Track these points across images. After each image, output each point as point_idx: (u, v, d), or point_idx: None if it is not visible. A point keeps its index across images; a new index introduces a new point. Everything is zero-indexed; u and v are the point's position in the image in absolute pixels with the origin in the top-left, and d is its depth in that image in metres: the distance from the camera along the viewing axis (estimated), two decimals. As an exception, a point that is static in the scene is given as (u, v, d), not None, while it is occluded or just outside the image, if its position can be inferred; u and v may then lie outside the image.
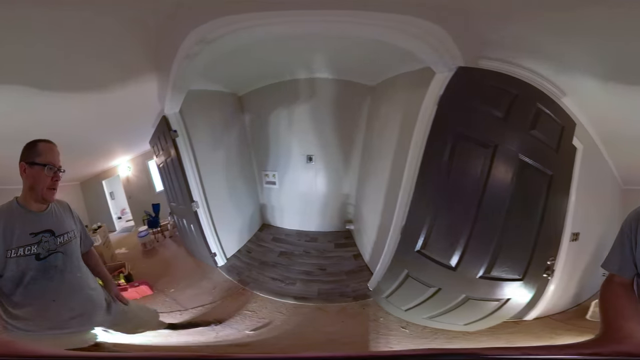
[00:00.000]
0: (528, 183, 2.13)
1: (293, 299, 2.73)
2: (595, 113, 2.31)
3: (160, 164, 3.19)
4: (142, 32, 2.24)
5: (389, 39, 2.19)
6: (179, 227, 3.33)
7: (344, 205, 3.36)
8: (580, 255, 2.52)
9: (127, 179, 3.38)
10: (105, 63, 2.37)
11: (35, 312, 1.86)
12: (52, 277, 1.85)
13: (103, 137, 2.92)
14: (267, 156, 3.41)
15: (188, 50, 2.30)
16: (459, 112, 2.14)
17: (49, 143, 1.88)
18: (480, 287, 2.25)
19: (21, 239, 1.78)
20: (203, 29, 2.20)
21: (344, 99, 3.05)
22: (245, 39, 2.29)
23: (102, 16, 2.03)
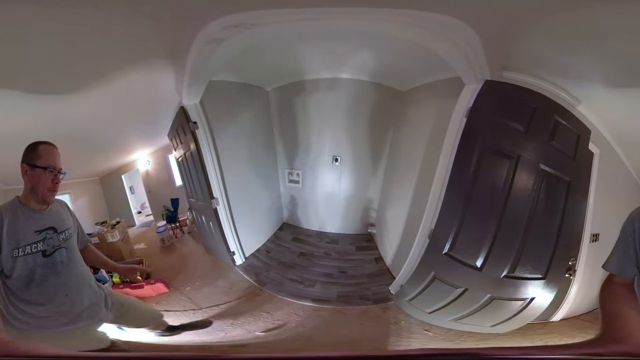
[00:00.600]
0: (547, 189, 2.24)
1: (311, 301, 2.66)
2: (609, 118, 2.37)
3: (179, 158, 3.13)
4: (155, 21, 2.15)
5: (426, 42, 2.18)
6: (198, 223, 3.26)
7: (367, 208, 3.29)
8: (601, 256, 2.34)
9: (147, 173, 3.33)
10: (117, 54, 2.31)
11: (52, 309, 1.89)
12: (59, 272, 1.89)
13: (120, 131, 2.87)
14: (292, 154, 3.34)
15: (211, 36, 2.21)
16: (486, 125, 2.23)
17: (49, 145, 1.90)
18: (505, 287, 2.29)
19: (26, 237, 1.81)
20: (225, 20, 2.11)
21: (374, 102, 3.00)
22: (270, 34, 2.22)
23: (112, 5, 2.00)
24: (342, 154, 3.18)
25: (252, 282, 2.90)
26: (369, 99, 3.00)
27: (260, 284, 2.87)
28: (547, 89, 2.25)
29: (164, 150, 3.24)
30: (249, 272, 3.00)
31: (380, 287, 2.77)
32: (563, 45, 2.03)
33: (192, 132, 2.79)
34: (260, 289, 2.83)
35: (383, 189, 3.18)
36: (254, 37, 2.28)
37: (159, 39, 2.30)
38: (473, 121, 2.25)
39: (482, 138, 2.23)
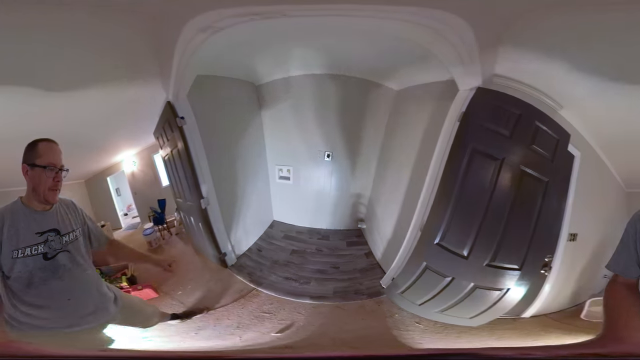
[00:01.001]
0: (527, 188, 2.46)
1: (310, 299, 2.69)
2: (590, 122, 2.54)
3: (165, 157, 3.00)
4: (138, 15, 2.08)
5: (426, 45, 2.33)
6: (186, 224, 3.16)
7: (357, 204, 3.33)
8: (578, 255, 2.68)
9: (133, 174, 3.19)
10: (99, 50, 2.21)
11: (52, 311, 1.86)
12: (62, 276, 1.84)
13: (104, 131, 2.73)
14: (282, 150, 3.31)
15: (200, 28, 2.17)
16: (476, 129, 2.45)
17: (49, 142, 1.85)
18: (487, 276, 2.49)
19: (27, 238, 1.77)
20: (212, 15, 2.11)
21: (367, 99, 3.03)
22: (262, 28, 2.21)
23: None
24: (334, 150, 3.19)
25: (247, 283, 2.85)
26: (362, 95, 3.02)
27: (255, 284, 2.85)
28: (531, 94, 2.43)
29: (149, 150, 3.09)
30: (242, 273, 2.97)
31: (372, 282, 2.86)
32: (548, 52, 2.16)
33: (180, 128, 2.67)
34: (256, 289, 2.80)
35: (374, 185, 3.23)
36: (245, 32, 2.25)
37: (144, 33, 2.21)
38: (465, 125, 2.47)
39: (473, 141, 2.45)
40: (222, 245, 2.99)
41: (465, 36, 2.19)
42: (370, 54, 2.75)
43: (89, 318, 1.95)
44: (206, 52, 2.33)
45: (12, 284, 1.79)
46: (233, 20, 2.18)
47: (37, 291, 1.80)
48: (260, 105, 3.23)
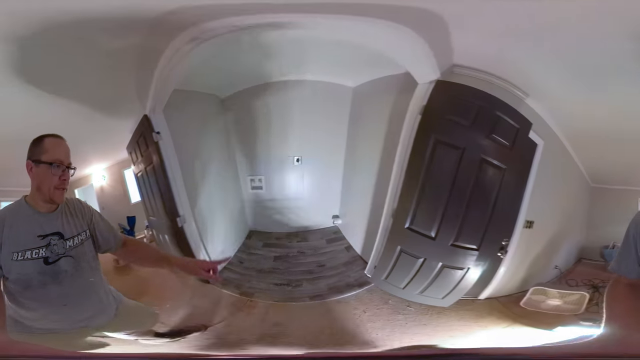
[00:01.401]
0: (486, 175, 2.67)
1: (308, 299, 2.74)
2: (557, 112, 2.65)
3: (138, 173, 2.80)
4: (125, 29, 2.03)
5: (377, 46, 2.51)
6: (160, 242, 2.93)
7: (331, 202, 3.39)
8: (533, 243, 2.87)
9: (102, 189, 2.91)
10: (76, 60, 2.13)
11: (46, 315, 1.81)
12: (61, 281, 1.78)
13: (75, 143, 2.31)
14: (252, 160, 3.25)
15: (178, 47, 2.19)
16: (438, 121, 2.62)
17: (57, 138, 1.77)
18: (452, 255, 2.72)
19: (28, 241, 1.70)
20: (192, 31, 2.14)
21: (327, 100, 3.12)
22: (231, 41, 2.29)
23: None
24: (303, 153, 3.25)
25: (238, 297, 2.77)
26: (321, 96, 3.11)
27: (247, 295, 2.78)
28: (496, 83, 2.57)
29: (119, 166, 2.86)
30: (228, 287, 2.85)
31: (357, 273, 2.99)
32: (508, 41, 2.25)
33: (155, 144, 2.55)
34: (251, 300, 2.74)
35: (344, 182, 3.33)
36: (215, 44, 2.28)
37: (126, 46, 2.15)
38: (426, 118, 2.63)
39: (434, 132, 2.64)
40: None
41: (418, 42, 2.34)
42: (326, 56, 2.87)
43: (82, 323, 1.89)
44: (186, 65, 2.31)
45: (10, 285, 1.73)
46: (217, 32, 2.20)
47: (34, 294, 1.74)
48: (226, 118, 3.15)
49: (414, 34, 2.30)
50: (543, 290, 2.71)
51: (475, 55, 2.45)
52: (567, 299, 2.66)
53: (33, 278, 1.71)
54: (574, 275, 2.92)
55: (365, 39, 2.40)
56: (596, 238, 2.95)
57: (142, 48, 2.20)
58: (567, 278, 2.92)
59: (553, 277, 2.92)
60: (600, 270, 2.90)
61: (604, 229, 2.94)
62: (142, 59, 2.29)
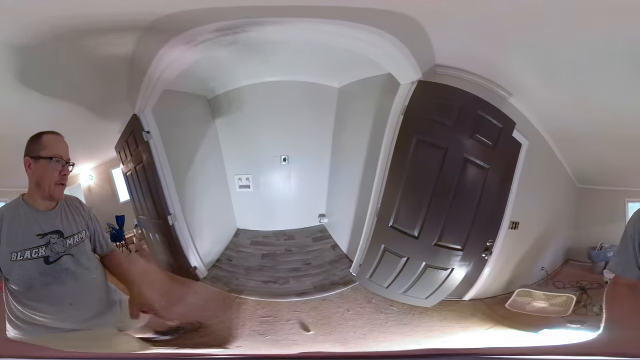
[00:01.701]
0: (469, 175, 2.64)
1: (295, 296, 2.77)
2: (541, 111, 2.62)
3: (127, 172, 2.86)
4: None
5: (358, 50, 2.50)
6: (150, 241, 3.00)
7: (317, 201, 3.43)
8: (518, 244, 2.84)
9: (89, 189, 2.93)
10: (65, 60, 2.17)
11: (52, 315, 1.77)
12: (64, 281, 1.75)
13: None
14: (240, 160, 3.31)
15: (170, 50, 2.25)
16: (420, 121, 2.61)
17: (55, 134, 1.76)
18: (435, 255, 2.70)
19: (27, 240, 1.66)
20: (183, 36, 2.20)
21: (312, 100, 3.17)
22: (219, 44, 2.33)
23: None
24: (290, 153, 3.29)
25: (227, 293, 2.81)
26: (307, 97, 3.16)
27: (236, 292, 2.82)
28: (479, 82, 2.55)
29: (107, 165, 2.90)
30: (217, 283, 2.92)
31: (343, 271, 3.02)
32: (490, 41, 2.23)
33: (145, 143, 2.60)
34: (239, 297, 2.78)
35: (330, 181, 3.37)
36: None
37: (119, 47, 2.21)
38: (409, 118, 2.61)
39: (417, 133, 2.62)
40: (192, 259, 2.92)
41: (397, 44, 2.36)
42: (311, 58, 2.90)
43: (90, 322, 1.87)
44: (177, 67, 2.37)
45: (12, 286, 1.70)
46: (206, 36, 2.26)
47: (37, 295, 1.72)
48: (214, 118, 3.21)
49: (391, 37, 2.32)
50: (528, 292, 2.68)
51: (456, 55, 2.44)
52: (553, 301, 2.63)
53: (34, 279, 1.69)
54: (561, 277, 2.90)
55: (346, 42, 2.41)
56: (583, 239, 2.91)
57: (134, 50, 2.25)
58: (553, 280, 2.90)
59: (539, 279, 2.89)
60: (587, 271, 2.88)
61: (590, 230, 2.91)
62: (134, 60, 2.34)
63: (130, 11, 1.96)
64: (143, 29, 2.10)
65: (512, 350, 1.76)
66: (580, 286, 2.75)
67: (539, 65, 2.33)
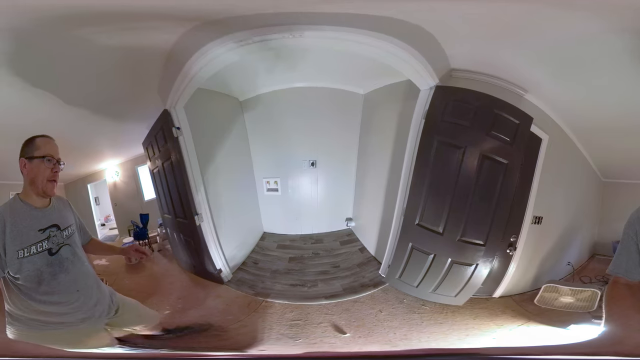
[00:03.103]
0: (488, 171, 2.61)
1: (324, 299, 2.65)
2: (559, 105, 2.57)
3: (154, 169, 2.75)
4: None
5: (378, 58, 2.51)
6: (173, 241, 2.86)
7: (344, 206, 3.39)
8: (543, 239, 2.78)
9: (114, 185, 2.87)
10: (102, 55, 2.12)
11: (67, 304, 1.87)
12: (67, 268, 1.86)
13: (92, 135, 2.48)
14: (269, 163, 3.27)
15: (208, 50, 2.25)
16: (440, 124, 2.64)
17: (46, 137, 1.87)
18: (459, 251, 2.67)
19: (30, 237, 1.76)
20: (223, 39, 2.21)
21: (339, 106, 3.20)
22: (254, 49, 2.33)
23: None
24: (318, 157, 3.26)
25: (252, 297, 2.66)
26: (334, 103, 3.18)
27: (262, 296, 2.68)
28: (494, 83, 2.56)
29: (133, 162, 2.82)
30: (242, 287, 2.77)
31: (372, 273, 2.93)
32: (502, 42, 2.22)
33: (175, 139, 2.51)
34: (266, 300, 2.63)
35: (357, 185, 3.34)
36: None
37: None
38: (430, 122, 2.67)
39: (438, 135, 2.67)
40: (216, 261, 2.78)
41: (410, 50, 2.38)
42: (338, 65, 2.93)
43: (95, 310, 1.98)
44: (213, 66, 2.34)
45: (22, 284, 1.77)
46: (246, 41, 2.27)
47: (49, 287, 1.80)
48: (245, 120, 3.19)
49: (406, 46, 2.36)
50: (555, 288, 2.58)
51: (470, 58, 2.47)
52: (579, 296, 2.53)
53: (44, 271, 1.77)
54: (587, 272, 2.82)
55: (367, 50, 2.42)
56: (609, 233, 2.84)
57: (174, 44, 2.20)
58: (580, 275, 2.82)
59: (566, 274, 2.82)
60: (612, 266, 2.89)
61: (616, 225, 2.62)
62: (171, 54, 2.27)
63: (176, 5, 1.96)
64: (188, 23, 2.08)
65: (512, 350, 1.75)
66: (605, 281, 2.62)
67: (552, 60, 2.29)
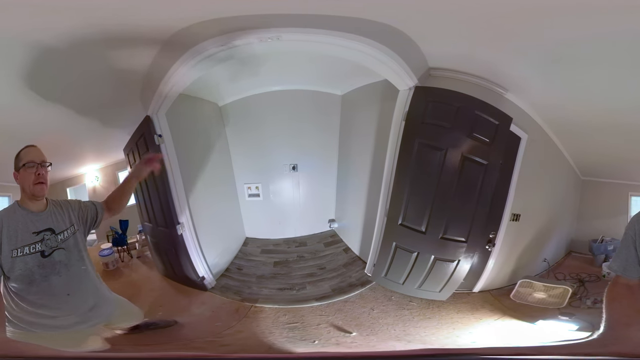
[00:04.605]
0: (469, 171, 2.58)
1: (315, 301, 2.59)
2: (539, 105, 2.54)
3: None
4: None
5: (352, 59, 2.44)
6: (154, 248, 2.76)
7: (326, 207, 3.36)
8: (520, 235, 2.77)
9: (94, 190, 2.80)
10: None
11: (56, 307, 1.90)
12: (59, 271, 1.89)
13: (72, 138, 2.39)
14: (249, 168, 3.20)
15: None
16: (420, 126, 2.59)
17: (28, 147, 1.92)
18: (442, 248, 2.66)
19: (25, 238, 1.82)
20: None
21: (318, 108, 3.14)
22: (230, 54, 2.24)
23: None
24: (299, 161, 3.21)
25: (239, 303, 2.58)
26: (313, 105, 3.12)
27: (250, 301, 2.59)
28: (474, 81, 2.50)
29: (113, 168, 2.74)
30: (227, 293, 2.68)
31: (358, 273, 2.91)
32: (480, 40, 2.09)
33: (157, 147, 2.39)
34: (254, 305, 2.55)
35: (338, 187, 3.31)
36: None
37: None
38: (410, 124, 2.62)
39: (419, 137, 2.62)
40: (199, 268, 2.68)
41: (386, 51, 2.28)
42: (316, 68, 2.87)
43: (90, 314, 1.99)
44: (194, 74, 2.25)
45: (13, 284, 1.82)
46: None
47: (38, 288, 1.84)
48: (224, 126, 3.10)
49: (381, 46, 2.28)
50: (530, 283, 2.62)
51: (448, 57, 2.41)
52: (552, 292, 2.57)
53: (35, 272, 1.81)
54: (563, 269, 2.89)
55: (340, 51, 2.34)
56: (586, 231, 2.90)
57: (154, 56, 2.15)
58: (555, 271, 2.88)
59: (542, 270, 2.87)
60: (589, 264, 2.88)
61: (594, 223, 2.91)
62: (153, 65, 2.21)
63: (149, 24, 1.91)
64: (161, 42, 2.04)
65: (511, 350, 1.62)
66: (579, 278, 2.74)
67: (532, 58, 2.21)
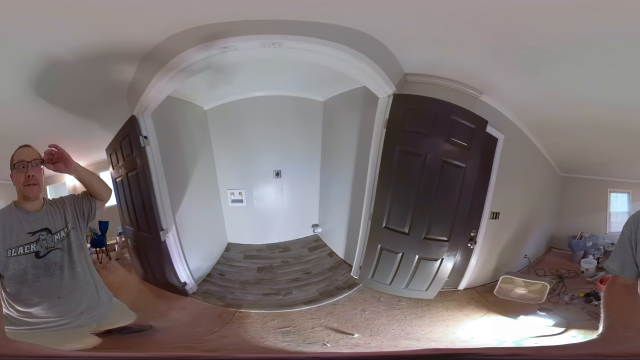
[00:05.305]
0: (448, 174, 2.67)
1: (303, 305, 2.54)
2: (514, 104, 2.59)
3: (117, 178, 2.55)
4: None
5: (331, 66, 2.49)
6: (134, 252, 2.66)
7: (310, 212, 3.34)
8: (500, 233, 2.83)
9: (74, 189, 2.57)
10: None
11: (46, 309, 1.89)
12: (53, 273, 1.87)
13: (53, 135, 2.14)
14: (233, 174, 3.16)
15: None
16: (400, 133, 2.66)
17: (19, 148, 1.90)
18: (425, 248, 2.71)
19: (20, 238, 1.80)
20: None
21: (300, 114, 3.17)
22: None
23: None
24: (282, 167, 3.21)
25: (222, 308, 2.49)
26: (295, 111, 3.15)
27: (234, 306, 2.52)
28: (447, 85, 2.57)
29: (95, 167, 2.60)
30: (210, 299, 2.60)
31: (344, 276, 2.88)
32: (451, 43, 2.11)
33: (142, 149, 2.35)
34: (239, 311, 2.47)
35: (321, 192, 3.31)
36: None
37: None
38: (391, 132, 2.69)
39: (399, 144, 2.69)
40: (181, 274, 2.60)
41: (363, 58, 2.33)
42: (298, 74, 2.92)
43: (82, 317, 1.96)
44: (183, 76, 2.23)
45: (6, 283, 1.81)
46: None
47: (29, 289, 1.83)
48: (209, 130, 3.08)
49: (358, 53, 2.33)
50: (511, 279, 2.66)
51: (422, 63, 2.46)
52: (531, 288, 2.60)
53: (28, 272, 1.80)
54: (543, 265, 2.94)
55: (318, 59, 2.40)
56: (567, 227, 2.94)
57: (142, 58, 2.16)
58: (536, 267, 2.93)
59: (524, 266, 2.91)
60: (568, 260, 2.94)
61: (574, 219, 2.97)
62: (141, 65, 2.20)
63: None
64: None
65: (511, 350, 1.65)
66: (559, 274, 2.80)
67: (505, 59, 2.23)
